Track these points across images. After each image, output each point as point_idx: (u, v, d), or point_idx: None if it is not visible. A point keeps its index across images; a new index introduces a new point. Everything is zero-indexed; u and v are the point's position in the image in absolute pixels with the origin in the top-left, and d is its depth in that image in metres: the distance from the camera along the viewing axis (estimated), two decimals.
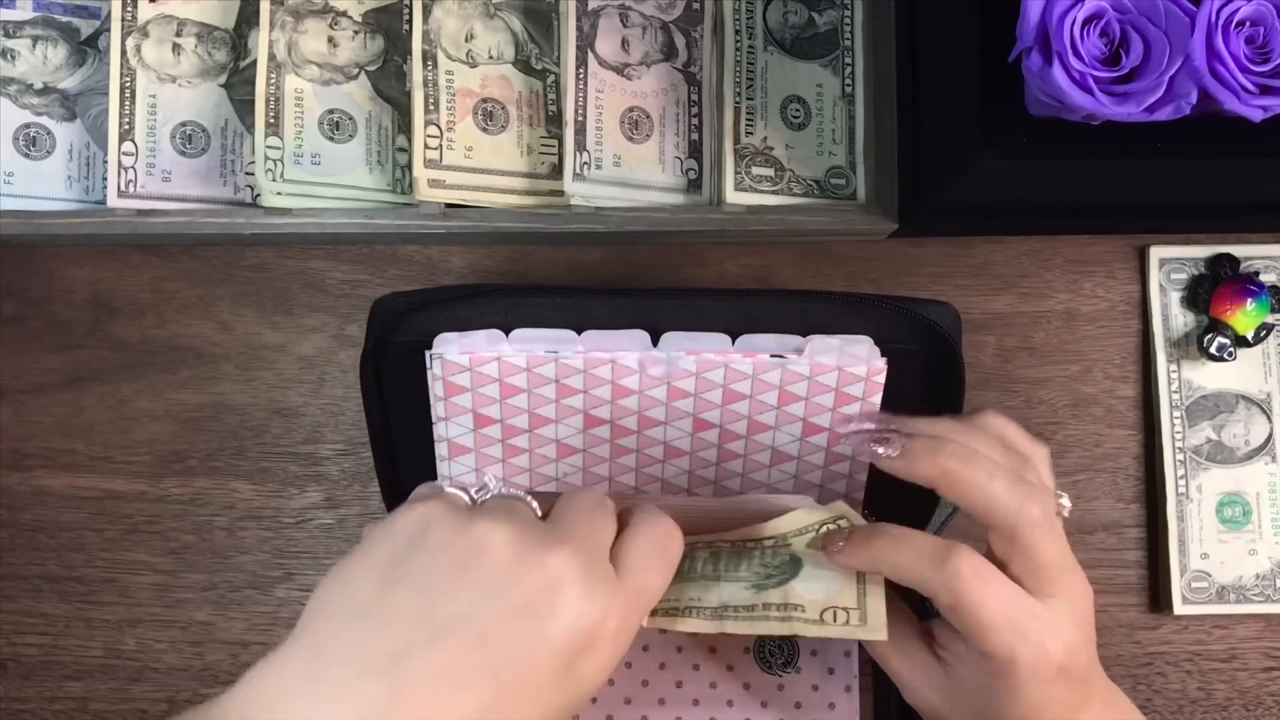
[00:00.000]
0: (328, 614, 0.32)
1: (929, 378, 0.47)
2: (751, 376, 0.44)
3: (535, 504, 0.37)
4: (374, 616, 0.32)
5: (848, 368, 0.44)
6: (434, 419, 0.45)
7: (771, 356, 0.44)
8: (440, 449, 0.46)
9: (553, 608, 0.32)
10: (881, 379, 0.44)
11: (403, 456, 0.48)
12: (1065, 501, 0.41)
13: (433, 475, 0.47)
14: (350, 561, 0.34)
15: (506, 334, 0.44)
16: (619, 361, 0.43)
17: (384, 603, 0.32)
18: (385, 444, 0.48)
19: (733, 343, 0.44)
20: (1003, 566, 0.39)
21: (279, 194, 0.54)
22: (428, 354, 0.44)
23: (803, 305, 0.46)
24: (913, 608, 0.43)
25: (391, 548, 0.33)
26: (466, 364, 0.43)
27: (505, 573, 0.32)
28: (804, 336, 0.44)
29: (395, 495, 0.49)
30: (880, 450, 0.41)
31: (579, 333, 0.44)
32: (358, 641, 0.31)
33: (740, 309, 0.45)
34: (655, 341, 0.44)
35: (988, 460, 0.39)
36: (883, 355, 0.44)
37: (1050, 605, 0.38)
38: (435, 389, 0.44)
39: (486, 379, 0.44)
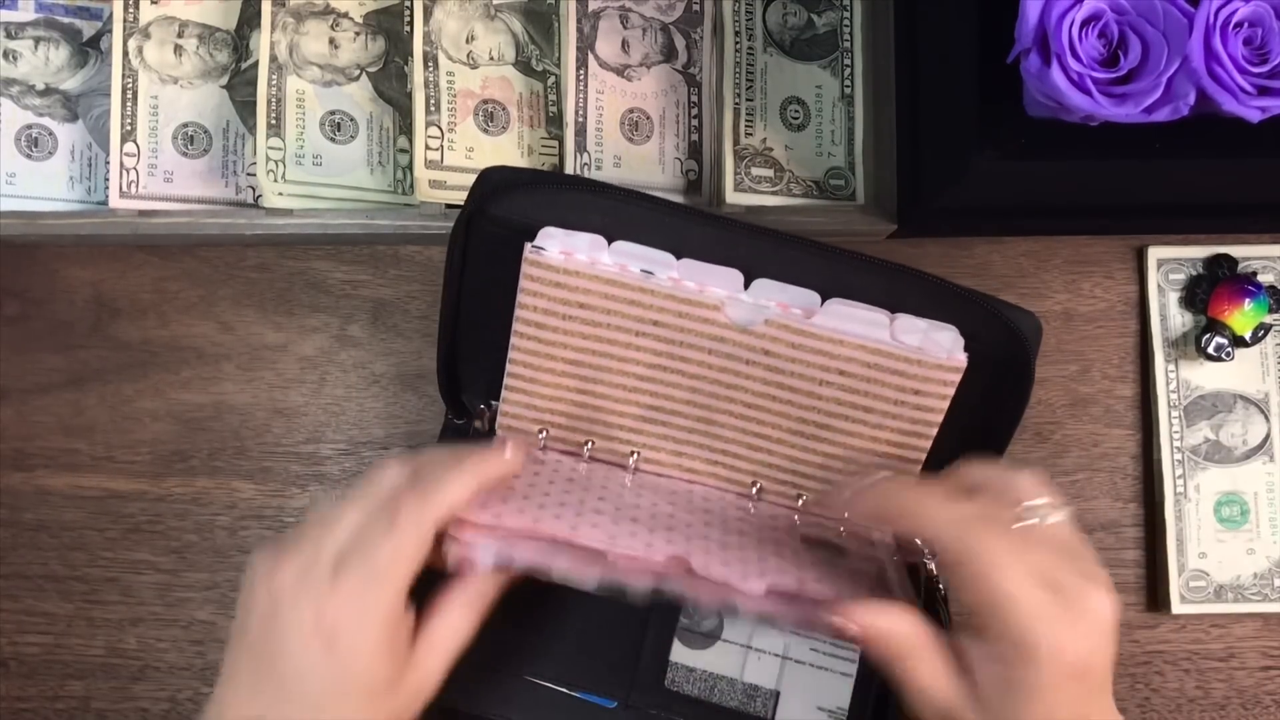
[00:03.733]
0: (223, 670, 0.40)
1: (994, 384, 0.46)
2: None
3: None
4: (231, 682, 0.40)
5: (929, 351, 0.44)
6: (517, 307, 0.45)
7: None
8: (514, 341, 0.46)
9: None
10: (956, 379, 0.45)
11: (465, 328, 0.48)
12: (1037, 517, 0.40)
13: (491, 361, 0.47)
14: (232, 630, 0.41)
15: (609, 244, 0.45)
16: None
17: (235, 672, 0.40)
18: (453, 315, 0.48)
19: (822, 303, 0.45)
20: None
21: (280, 194, 0.54)
22: (527, 245, 0.44)
23: (894, 283, 0.46)
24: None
25: (237, 623, 0.40)
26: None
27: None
28: (891, 313, 0.45)
29: (449, 372, 0.49)
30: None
31: (678, 258, 0.45)
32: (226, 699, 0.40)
33: (831, 271, 0.46)
34: (747, 285, 0.45)
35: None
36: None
37: (1065, 605, 0.37)
38: (525, 281, 0.44)
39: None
